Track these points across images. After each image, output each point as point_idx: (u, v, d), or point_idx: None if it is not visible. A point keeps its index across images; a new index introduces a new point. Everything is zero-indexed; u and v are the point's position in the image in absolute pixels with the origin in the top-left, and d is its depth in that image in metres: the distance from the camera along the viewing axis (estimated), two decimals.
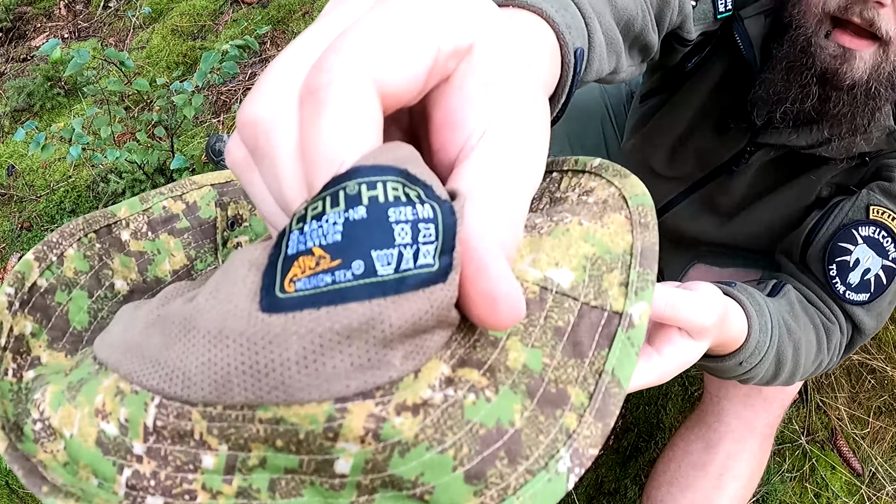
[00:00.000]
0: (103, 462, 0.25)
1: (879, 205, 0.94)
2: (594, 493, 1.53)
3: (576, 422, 0.25)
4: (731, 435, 1.16)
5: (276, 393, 0.22)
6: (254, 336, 0.21)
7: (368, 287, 0.21)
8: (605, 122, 1.49)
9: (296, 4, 2.48)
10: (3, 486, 1.64)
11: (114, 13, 2.73)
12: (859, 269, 0.93)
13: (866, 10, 0.80)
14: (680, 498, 1.17)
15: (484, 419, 0.24)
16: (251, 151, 0.25)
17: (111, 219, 0.37)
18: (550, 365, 0.26)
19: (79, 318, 0.33)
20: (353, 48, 0.23)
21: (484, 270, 0.23)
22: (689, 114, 1.11)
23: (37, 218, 2.10)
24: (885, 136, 0.94)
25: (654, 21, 0.75)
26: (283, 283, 0.22)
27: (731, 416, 1.17)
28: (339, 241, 0.21)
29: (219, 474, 0.24)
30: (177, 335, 0.23)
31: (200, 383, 0.22)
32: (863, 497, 1.45)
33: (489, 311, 0.23)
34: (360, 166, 0.22)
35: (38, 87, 2.38)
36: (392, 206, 0.22)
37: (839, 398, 1.54)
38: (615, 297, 0.27)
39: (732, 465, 1.16)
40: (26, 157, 2.24)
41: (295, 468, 0.24)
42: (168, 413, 0.23)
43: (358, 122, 0.22)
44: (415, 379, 0.23)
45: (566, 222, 0.30)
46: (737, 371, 0.79)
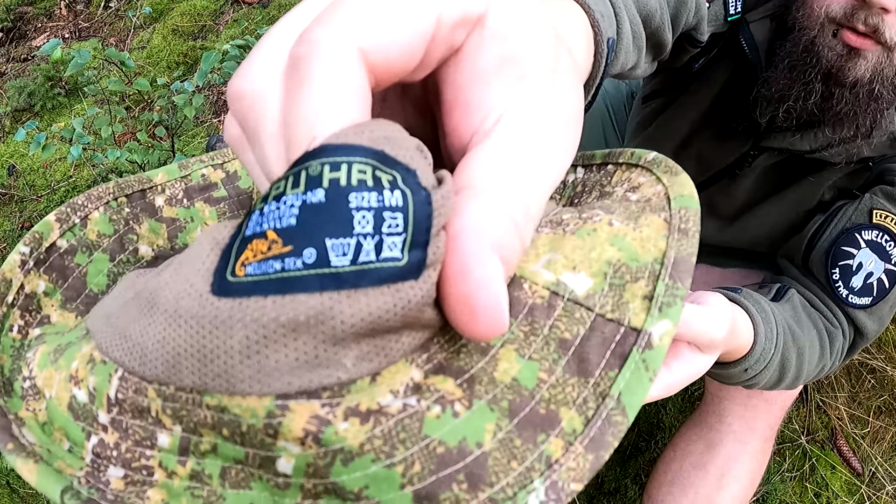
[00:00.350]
0: (74, 427, 0.24)
1: (882, 209, 0.94)
2: (594, 492, 1.53)
3: (561, 450, 0.22)
4: (732, 436, 1.16)
5: (219, 381, 0.21)
6: (202, 319, 0.20)
7: (321, 278, 0.19)
8: (606, 122, 1.49)
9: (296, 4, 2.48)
10: (3, 485, 1.64)
11: (114, 13, 2.74)
12: (862, 273, 0.93)
13: (871, 16, 0.80)
14: (681, 498, 1.17)
15: (445, 436, 0.21)
16: (242, 127, 0.24)
17: (146, 184, 0.36)
18: (547, 381, 0.23)
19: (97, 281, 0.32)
20: (339, 16, 0.21)
21: (465, 273, 0.20)
22: (693, 117, 1.11)
23: (37, 218, 2.10)
24: (887, 140, 0.94)
25: (669, 20, 0.74)
26: (234, 266, 0.20)
27: (733, 416, 1.17)
28: (293, 226, 0.20)
29: (174, 454, 0.23)
30: (142, 309, 0.22)
31: (154, 361, 0.21)
32: (863, 496, 1.45)
33: (465, 319, 0.21)
34: (327, 145, 0.20)
35: (39, 86, 2.38)
36: (354, 190, 0.20)
37: (839, 398, 1.54)
38: (636, 311, 0.24)
39: (734, 465, 1.16)
40: (27, 156, 2.24)
41: (242, 460, 0.22)
42: (128, 387, 0.23)
43: (338, 95, 0.20)
44: (372, 382, 0.21)
45: (595, 220, 0.27)
46: (741, 377, 0.79)
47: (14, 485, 1.64)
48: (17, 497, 1.63)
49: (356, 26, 0.21)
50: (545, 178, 0.23)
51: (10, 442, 0.24)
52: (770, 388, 0.88)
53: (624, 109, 1.49)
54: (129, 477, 0.23)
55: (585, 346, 0.24)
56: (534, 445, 0.22)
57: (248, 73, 0.23)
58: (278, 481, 0.22)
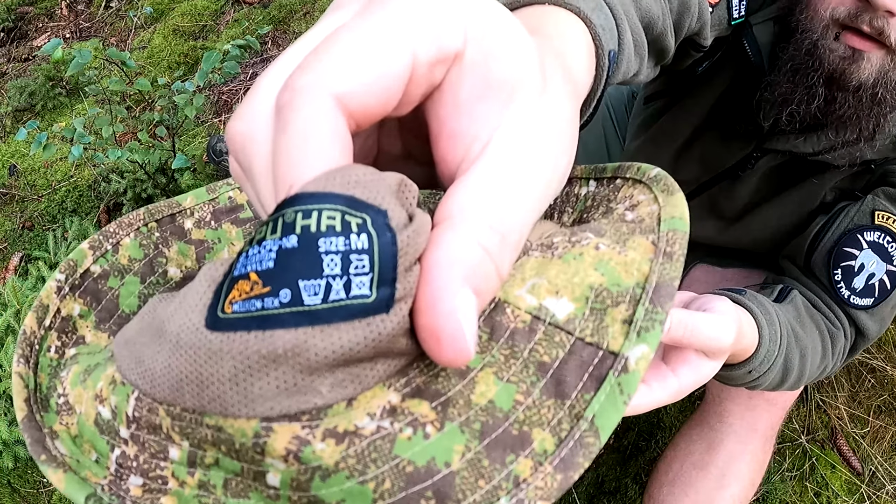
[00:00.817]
0: (100, 440, 0.27)
1: (885, 210, 0.94)
2: (595, 492, 1.53)
3: (530, 470, 0.23)
4: (733, 436, 1.16)
5: (214, 404, 0.23)
6: (199, 350, 0.22)
7: (296, 316, 0.21)
8: (607, 123, 1.50)
9: (297, 4, 2.48)
10: (4, 484, 1.64)
11: (115, 13, 2.74)
12: (864, 274, 0.93)
13: (876, 18, 0.80)
14: (682, 498, 1.17)
15: (414, 456, 0.23)
16: (239, 164, 0.25)
17: (176, 208, 0.38)
18: (523, 403, 0.24)
19: (128, 302, 0.34)
20: (319, 64, 0.22)
21: (432, 305, 0.22)
22: (696, 118, 1.11)
23: (38, 217, 2.10)
24: (890, 143, 0.94)
25: (672, 26, 0.74)
26: (223, 303, 0.22)
27: (734, 416, 1.17)
28: (271, 269, 0.22)
29: (184, 466, 0.25)
30: (153, 337, 0.25)
31: (162, 385, 0.24)
32: (863, 496, 1.45)
33: (432, 347, 0.22)
34: (300, 193, 0.22)
35: (40, 86, 2.38)
36: (323, 236, 0.21)
37: (839, 397, 1.54)
38: (615, 335, 0.25)
39: (734, 465, 1.16)
40: (28, 156, 2.24)
41: (239, 472, 0.25)
42: (143, 406, 0.25)
43: (315, 141, 0.22)
44: (348, 406, 0.23)
45: (583, 244, 0.27)
46: (745, 379, 0.79)
47: (15, 484, 1.64)
48: (19, 496, 1.64)
49: (333, 74, 0.22)
50: (527, 202, 0.23)
51: (44, 454, 0.27)
52: (773, 390, 0.88)
53: (625, 110, 1.50)
54: (147, 485, 0.26)
55: (563, 368, 0.24)
56: (501, 465, 0.23)
57: (242, 115, 0.24)
58: (269, 493, 0.24)
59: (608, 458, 1.54)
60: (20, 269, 1.98)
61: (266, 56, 2.44)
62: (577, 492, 1.51)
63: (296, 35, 2.44)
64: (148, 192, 1.97)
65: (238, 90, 2.36)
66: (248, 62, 2.44)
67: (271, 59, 2.42)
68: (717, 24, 0.91)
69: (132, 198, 1.98)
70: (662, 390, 0.65)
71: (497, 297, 0.26)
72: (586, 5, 0.45)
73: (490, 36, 0.23)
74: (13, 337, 1.48)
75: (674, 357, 0.67)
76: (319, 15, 2.42)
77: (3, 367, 1.44)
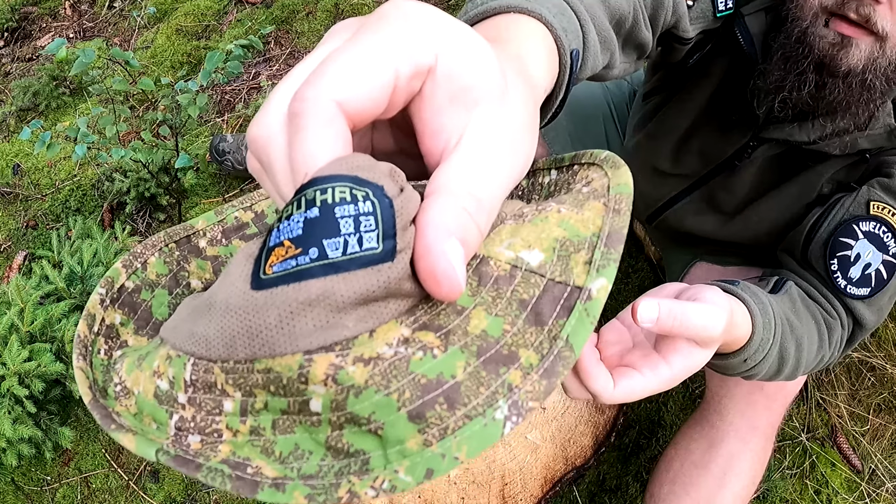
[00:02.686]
0: (159, 410, 0.33)
1: (880, 200, 0.95)
2: (596, 490, 1.53)
3: (520, 379, 0.29)
4: (733, 433, 1.16)
5: (264, 349, 0.29)
6: (247, 308, 0.29)
7: (323, 267, 0.28)
8: (608, 120, 1.50)
9: (299, 4, 2.49)
10: (9, 482, 1.65)
11: (119, 13, 2.75)
12: (860, 264, 0.94)
13: (863, 6, 0.81)
14: (683, 496, 1.18)
15: (426, 371, 0.29)
16: (259, 162, 0.32)
17: (190, 230, 0.45)
18: (510, 331, 0.30)
19: (160, 311, 0.41)
20: (322, 79, 0.29)
21: (426, 252, 0.28)
22: (692, 111, 1.12)
23: (42, 216, 2.11)
24: (885, 133, 0.95)
25: (647, 20, 0.78)
26: (264, 267, 0.29)
27: (734, 414, 1.17)
28: (300, 235, 0.28)
29: (236, 416, 0.31)
30: (202, 313, 0.31)
31: (216, 345, 0.30)
32: (862, 493, 1.46)
33: (431, 284, 0.29)
34: (316, 177, 0.29)
35: (44, 86, 2.39)
36: (338, 205, 0.28)
37: (839, 395, 1.55)
38: (578, 274, 0.32)
39: (735, 463, 1.16)
40: (32, 155, 2.25)
41: (286, 409, 0.30)
42: (199, 369, 0.31)
43: (324, 139, 0.29)
44: (370, 338, 0.29)
45: (547, 210, 0.35)
46: (740, 368, 0.80)
47: (19, 482, 1.65)
48: (22, 494, 1.64)
49: (334, 85, 0.29)
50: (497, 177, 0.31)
51: (113, 424, 0.33)
52: (769, 379, 0.89)
53: (626, 108, 1.50)
54: (204, 440, 0.32)
55: (540, 303, 0.31)
56: (496, 376, 0.29)
57: (261, 121, 0.31)
58: (313, 420, 0.30)
59: (609, 457, 1.54)
60: (24, 268, 1.99)
61: (269, 56, 2.45)
62: (579, 489, 1.52)
63: (298, 35, 2.44)
64: (151, 192, 1.98)
65: (241, 90, 2.36)
66: (250, 62, 2.45)
67: (274, 59, 2.43)
68: (700, 18, 0.93)
69: (135, 197, 1.99)
70: (655, 378, 0.66)
71: (481, 254, 0.33)
72: (548, 11, 0.51)
73: (456, 53, 0.30)
74: (17, 335, 1.49)
75: (665, 346, 0.68)
76: (322, 15, 2.42)
77: (7, 365, 1.45)
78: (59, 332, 1.54)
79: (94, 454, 1.67)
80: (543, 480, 1.42)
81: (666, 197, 1.23)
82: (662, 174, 1.22)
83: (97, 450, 1.67)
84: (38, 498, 1.64)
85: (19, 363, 1.45)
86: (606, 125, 1.51)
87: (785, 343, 0.83)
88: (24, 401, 1.47)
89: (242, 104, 2.31)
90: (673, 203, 1.23)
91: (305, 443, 0.30)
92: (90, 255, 1.69)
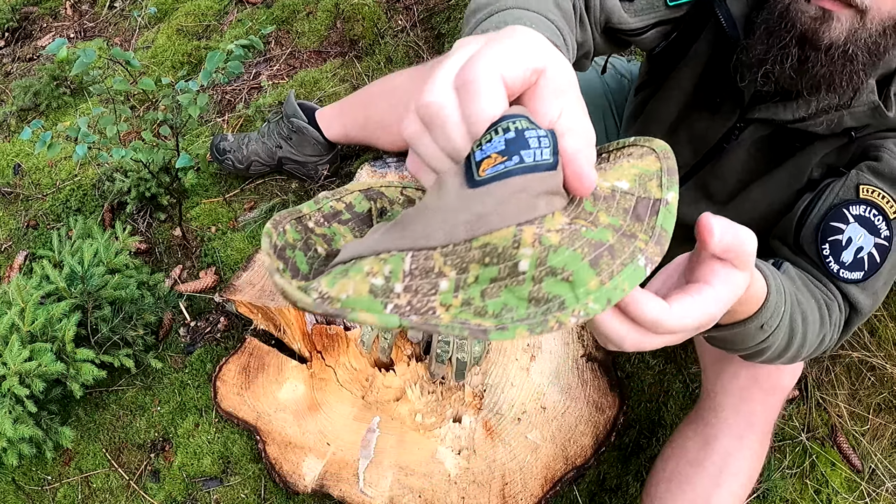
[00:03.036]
0: (374, 303, 0.43)
1: (869, 184, 0.96)
2: (596, 489, 1.54)
3: (644, 244, 0.45)
4: (728, 431, 1.16)
5: (483, 228, 0.44)
6: (468, 200, 0.44)
7: (522, 169, 0.44)
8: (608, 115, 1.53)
9: (300, 4, 2.49)
10: (9, 482, 1.65)
11: (119, 13, 2.75)
12: (852, 248, 0.95)
13: None
14: (679, 495, 1.18)
15: (592, 236, 0.44)
16: (425, 123, 0.47)
17: (299, 214, 0.56)
18: (624, 224, 0.47)
19: (303, 266, 0.51)
20: (484, 59, 0.45)
21: (575, 162, 0.46)
22: (679, 99, 1.14)
23: (43, 216, 2.11)
24: (869, 110, 0.96)
25: (577, 22, 0.97)
26: (478, 172, 0.44)
27: (729, 411, 1.17)
28: (503, 149, 0.44)
29: (451, 293, 0.43)
30: (415, 218, 0.46)
31: (437, 235, 0.44)
32: (862, 493, 1.46)
33: (575, 181, 0.47)
34: (505, 115, 0.45)
35: (45, 86, 2.39)
36: (526, 130, 0.44)
37: (839, 395, 1.55)
38: (655, 191, 0.51)
39: (731, 462, 1.16)
40: (32, 155, 2.25)
41: (496, 276, 0.42)
42: (419, 258, 0.44)
43: (498, 97, 0.45)
44: (552, 217, 0.45)
45: (620, 162, 0.55)
46: (757, 338, 0.76)
47: (20, 482, 1.65)
48: (23, 493, 1.65)
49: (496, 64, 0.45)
50: (588, 126, 0.49)
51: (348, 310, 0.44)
52: (777, 358, 0.87)
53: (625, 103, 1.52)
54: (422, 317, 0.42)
55: (637, 209, 0.49)
56: (630, 243, 0.45)
57: (432, 91, 0.46)
58: (518, 279, 0.42)
59: (609, 456, 1.55)
60: (25, 268, 1.99)
61: (269, 56, 2.45)
62: (579, 489, 1.52)
63: (298, 35, 2.45)
64: (152, 191, 1.98)
65: (241, 90, 2.37)
66: (251, 62, 2.45)
67: (274, 58, 2.43)
68: (647, 9, 1.02)
69: (136, 196, 1.99)
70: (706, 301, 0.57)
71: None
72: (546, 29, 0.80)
73: (556, 62, 0.48)
74: (17, 335, 1.49)
75: (701, 271, 0.60)
76: (322, 15, 2.43)
77: (8, 364, 1.45)
78: (60, 331, 1.54)
79: (94, 454, 1.67)
80: (544, 480, 1.42)
81: None
82: None
83: (98, 449, 1.67)
84: (38, 497, 1.65)
85: (20, 363, 1.46)
86: (606, 120, 1.52)
87: (794, 314, 0.82)
88: (24, 400, 1.47)
89: (243, 104, 2.31)
90: None
91: (511, 301, 0.41)
92: (91, 254, 1.69)
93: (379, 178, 1.90)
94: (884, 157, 0.96)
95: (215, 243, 1.94)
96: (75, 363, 1.55)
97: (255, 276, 1.72)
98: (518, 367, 1.53)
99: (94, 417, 1.71)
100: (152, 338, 1.78)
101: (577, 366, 1.54)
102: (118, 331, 1.65)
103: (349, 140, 1.92)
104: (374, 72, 2.27)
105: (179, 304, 1.84)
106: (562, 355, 1.55)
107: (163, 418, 1.69)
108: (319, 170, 2.01)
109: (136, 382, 1.75)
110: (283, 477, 1.50)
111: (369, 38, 2.33)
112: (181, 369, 1.76)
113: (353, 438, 1.50)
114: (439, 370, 1.48)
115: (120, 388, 1.75)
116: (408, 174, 1.89)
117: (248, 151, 2.01)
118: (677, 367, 1.62)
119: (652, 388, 1.61)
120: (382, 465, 1.46)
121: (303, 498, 1.54)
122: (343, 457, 1.49)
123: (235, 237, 1.94)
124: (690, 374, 1.61)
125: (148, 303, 1.71)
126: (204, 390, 1.71)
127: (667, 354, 1.64)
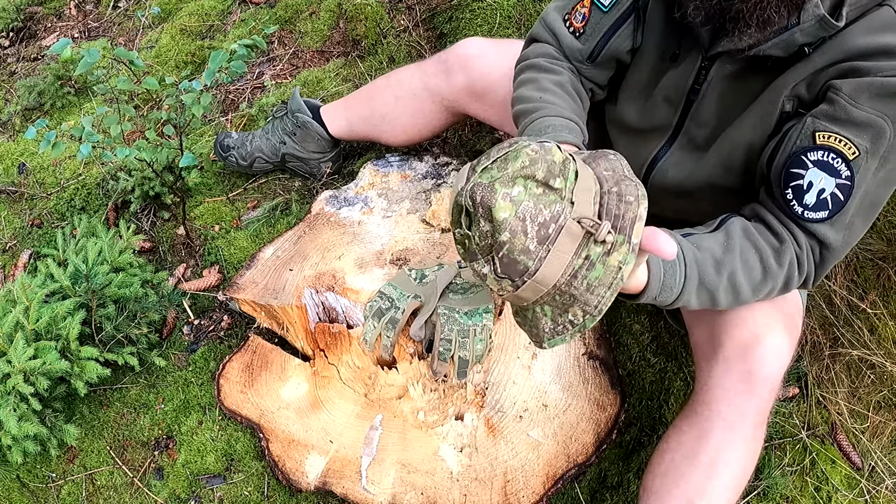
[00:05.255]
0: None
1: (825, 130, 1.02)
2: (597, 486, 1.54)
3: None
4: (721, 423, 1.17)
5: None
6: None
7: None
8: None
9: (303, 4, 2.50)
10: (14, 479, 1.66)
11: (123, 13, 2.76)
12: (814, 191, 1.03)
13: None
14: (673, 488, 1.19)
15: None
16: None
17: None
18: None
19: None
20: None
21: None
22: (648, 64, 1.26)
23: (47, 215, 2.12)
24: (816, 23, 1.00)
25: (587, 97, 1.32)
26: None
27: (721, 402, 1.17)
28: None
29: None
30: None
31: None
32: (862, 490, 1.46)
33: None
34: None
35: (49, 85, 2.40)
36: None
37: (839, 393, 1.55)
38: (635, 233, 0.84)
39: (723, 454, 1.17)
40: (37, 155, 2.26)
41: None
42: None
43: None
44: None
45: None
46: (664, 303, 1.03)
47: (24, 479, 1.66)
48: (27, 491, 1.66)
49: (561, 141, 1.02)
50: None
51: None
52: (712, 307, 1.09)
53: None
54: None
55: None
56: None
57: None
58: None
59: (610, 454, 1.55)
60: (29, 266, 2.00)
61: (272, 55, 2.46)
62: (580, 486, 1.52)
63: (301, 35, 2.46)
64: (156, 190, 1.99)
65: (245, 89, 2.38)
66: (254, 61, 2.46)
67: (277, 58, 2.44)
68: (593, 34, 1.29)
69: (140, 195, 2.00)
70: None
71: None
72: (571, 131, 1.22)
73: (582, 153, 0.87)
74: (22, 333, 1.50)
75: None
76: (325, 15, 2.43)
77: (13, 363, 1.46)
78: (64, 329, 1.55)
79: (98, 451, 1.68)
80: (545, 477, 1.43)
81: (650, 155, 1.31)
82: (638, 131, 1.33)
83: (102, 447, 1.68)
84: (43, 495, 1.66)
85: (24, 361, 1.47)
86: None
87: (705, 278, 1.03)
88: (29, 398, 1.48)
89: (246, 103, 2.32)
90: (658, 160, 1.31)
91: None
92: (95, 253, 1.70)
93: (381, 177, 1.91)
94: (839, 101, 1.01)
95: (219, 242, 1.95)
96: (79, 361, 1.56)
97: (258, 275, 1.73)
98: (520, 365, 1.53)
99: (98, 415, 1.73)
100: (156, 336, 1.79)
101: (579, 364, 1.55)
102: (122, 329, 1.66)
103: (353, 135, 1.93)
104: (376, 71, 2.28)
105: (183, 302, 1.85)
106: (563, 353, 1.55)
107: (166, 416, 1.70)
108: (322, 167, 2.02)
109: (139, 380, 1.76)
110: (286, 474, 1.51)
111: (372, 38, 2.34)
112: (185, 367, 1.77)
113: (356, 436, 1.51)
114: (441, 368, 1.49)
115: (124, 386, 1.76)
116: (408, 173, 1.90)
117: (251, 148, 2.02)
118: (678, 365, 1.62)
119: (653, 385, 1.62)
120: (385, 462, 1.47)
121: (306, 495, 1.55)
122: (346, 454, 1.50)
123: (239, 236, 1.95)
124: (691, 371, 1.61)
125: (152, 301, 1.72)
126: (207, 388, 1.72)
127: (668, 353, 1.64)
